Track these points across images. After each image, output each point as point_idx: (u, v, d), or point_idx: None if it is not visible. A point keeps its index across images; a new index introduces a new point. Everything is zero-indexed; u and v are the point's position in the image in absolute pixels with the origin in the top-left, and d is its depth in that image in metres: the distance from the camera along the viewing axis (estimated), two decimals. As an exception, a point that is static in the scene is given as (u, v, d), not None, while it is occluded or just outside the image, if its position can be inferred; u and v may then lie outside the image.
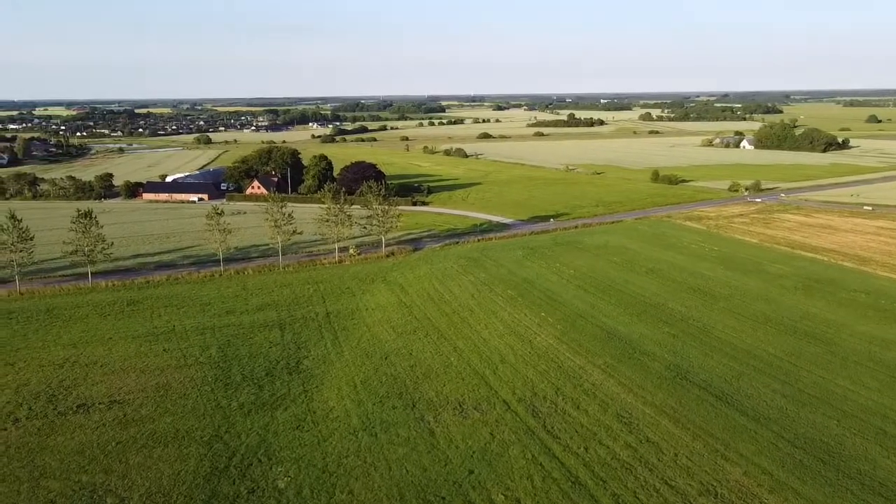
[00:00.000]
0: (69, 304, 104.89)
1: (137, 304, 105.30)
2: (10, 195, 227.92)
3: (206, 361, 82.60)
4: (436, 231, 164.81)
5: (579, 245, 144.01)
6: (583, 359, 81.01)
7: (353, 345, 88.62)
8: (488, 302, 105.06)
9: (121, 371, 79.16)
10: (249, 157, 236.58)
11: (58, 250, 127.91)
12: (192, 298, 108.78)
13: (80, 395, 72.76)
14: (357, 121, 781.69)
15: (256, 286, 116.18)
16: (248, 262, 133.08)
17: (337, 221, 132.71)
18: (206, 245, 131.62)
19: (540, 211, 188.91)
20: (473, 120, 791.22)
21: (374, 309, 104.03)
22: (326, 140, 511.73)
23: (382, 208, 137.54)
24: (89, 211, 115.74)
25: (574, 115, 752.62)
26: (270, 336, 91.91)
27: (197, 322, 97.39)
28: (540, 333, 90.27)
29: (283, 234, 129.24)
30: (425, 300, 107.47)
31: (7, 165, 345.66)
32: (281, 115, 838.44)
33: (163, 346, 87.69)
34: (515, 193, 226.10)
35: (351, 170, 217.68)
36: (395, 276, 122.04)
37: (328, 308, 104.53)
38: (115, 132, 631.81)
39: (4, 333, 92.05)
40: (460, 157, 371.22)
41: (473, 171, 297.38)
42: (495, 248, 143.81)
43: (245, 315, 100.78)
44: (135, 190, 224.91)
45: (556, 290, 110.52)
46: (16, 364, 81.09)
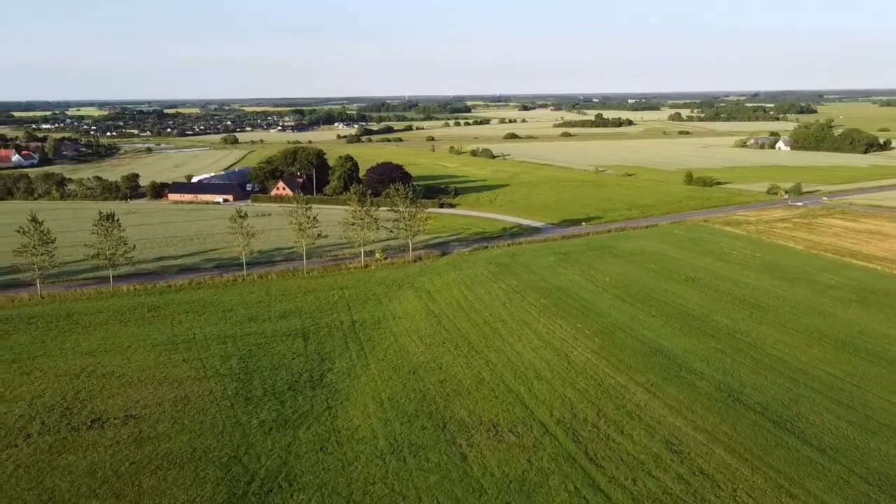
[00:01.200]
0: (90, 310, 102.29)
1: (158, 310, 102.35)
2: (39, 195, 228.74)
3: (226, 373, 78.95)
4: (464, 235, 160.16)
5: (614, 251, 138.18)
6: (624, 376, 75.69)
7: (380, 357, 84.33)
8: (521, 311, 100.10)
9: (138, 382, 75.83)
10: (275, 158, 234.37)
11: (82, 252, 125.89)
12: (215, 304, 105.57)
13: (95, 408, 69.48)
14: (382, 121, 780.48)
15: (280, 291, 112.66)
16: (272, 265, 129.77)
17: (363, 225, 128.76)
18: (230, 248, 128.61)
19: (571, 214, 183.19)
20: (499, 120, 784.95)
21: (402, 318, 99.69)
22: (352, 140, 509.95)
23: (409, 211, 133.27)
24: (111, 213, 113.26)
25: (602, 116, 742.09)
26: (293, 346, 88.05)
27: (218, 330, 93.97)
28: (576, 347, 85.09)
29: (308, 237, 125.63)
30: (454, 309, 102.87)
31: (38, 165, 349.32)
32: (307, 116, 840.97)
33: (182, 355, 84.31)
34: (545, 195, 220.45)
35: (377, 171, 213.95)
36: (422, 283, 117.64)
37: (353, 316, 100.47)
38: (144, 132, 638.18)
39: (24, 340, 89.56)
40: (487, 157, 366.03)
41: (501, 173, 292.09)
42: (526, 253, 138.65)
43: (268, 323, 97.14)
44: (160, 190, 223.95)
45: (592, 299, 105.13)
46: (32, 373, 78.27)
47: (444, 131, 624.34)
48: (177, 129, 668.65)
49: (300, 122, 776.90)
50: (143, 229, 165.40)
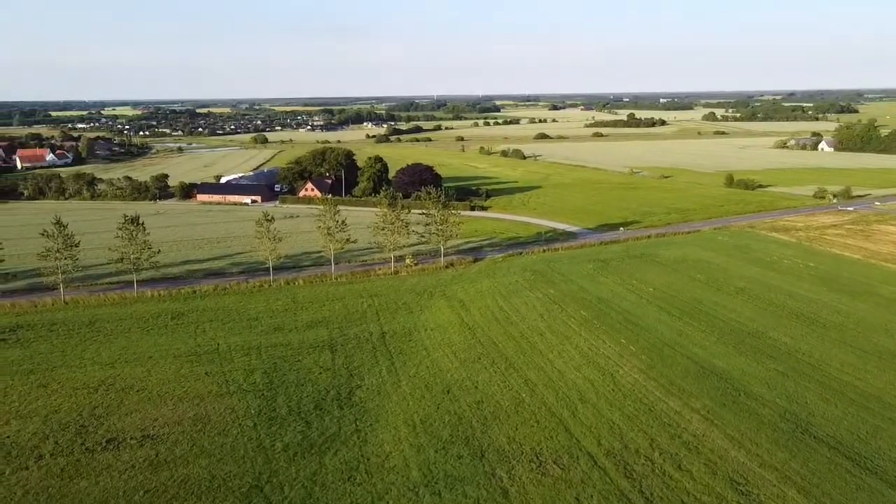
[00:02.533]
0: (112, 316, 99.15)
1: (182, 318, 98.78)
2: (70, 195, 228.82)
3: (249, 389, 74.67)
4: (496, 239, 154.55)
5: (655, 258, 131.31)
6: (678, 401, 69.51)
7: (411, 373, 79.32)
8: (560, 324, 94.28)
9: (157, 398, 71.90)
10: (303, 158, 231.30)
11: (108, 255, 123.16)
12: (240, 312, 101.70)
13: (111, 426, 65.64)
14: (411, 120, 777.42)
15: (307, 299, 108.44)
16: (299, 271, 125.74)
17: (393, 230, 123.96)
18: (257, 252, 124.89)
19: (607, 218, 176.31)
20: (529, 120, 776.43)
21: (434, 329, 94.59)
22: (381, 140, 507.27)
23: (441, 215, 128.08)
24: (136, 217, 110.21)
25: (634, 115, 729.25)
26: (320, 359, 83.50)
27: (243, 340, 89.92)
28: (622, 365, 79.05)
29: (337, 242, 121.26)
30: (489, 320, 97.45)
31: (72, 164, 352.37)
32: (336, 115, 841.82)
33: (205, 368, 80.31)
34: (579, 198, 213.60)
35: (407, 172, 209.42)
36: (454, 291, 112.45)
37: (383, 327, 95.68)
38: (175, 131, 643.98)
39: (44, 348, 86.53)
40: (518, 158, 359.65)
41: (532, 174, 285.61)
42: (562, 259, 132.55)
43: (294, 333, 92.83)
44: (189, 191, 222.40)
45: (636, 311, 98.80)
46: (49, 385, 74.92)
47: (474, 131, 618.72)
48: (208, 128, 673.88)
49: (329, 121, 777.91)
50: (171, 231, 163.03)
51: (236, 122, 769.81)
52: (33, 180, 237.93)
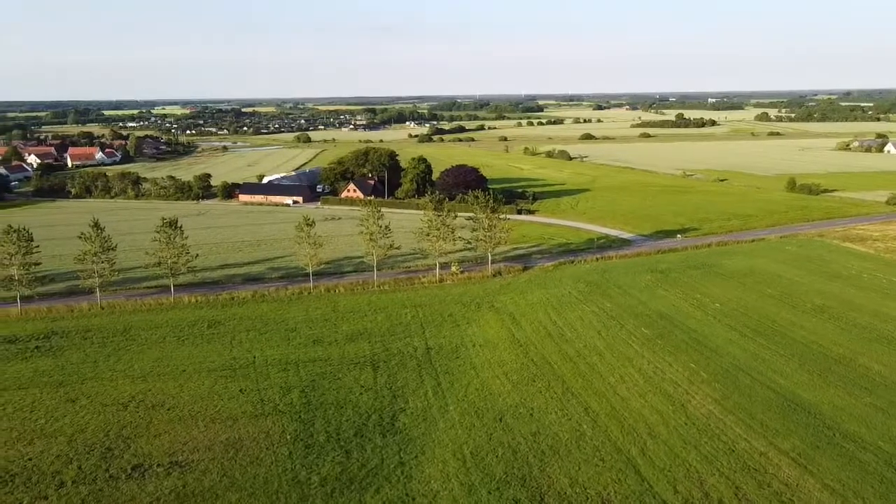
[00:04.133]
0: (148, 324, 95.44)
1: (219, 326, 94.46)
2: (115, 194, 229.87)
3: (285, 410, 69.34)
4: (545, 246, 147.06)
5: (718, 269, 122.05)
6: (762, 440, 61.40)
7: (460, 396, 72.94)
8: (619, 343, 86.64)
9: (189, 418, 67.12)
10: (346, 159, 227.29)
11: (146, 258, 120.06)
12: (278, 321, 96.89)
13: (138, 450, 60.97)
14: (454, 120, 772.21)
15: (348, 308, 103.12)
16: (340, 277, 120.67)
17: (438, 236, 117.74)
18: (296, 256, 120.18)
19: (662, 224, 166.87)
20: (573, 120, 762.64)
21: (483, 346, 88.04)
22: (423, 139, 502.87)
23: (490, 221, 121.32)
24: (174, 220, 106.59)
25: (682, 115, 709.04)
26: (362, 377, 77.78)
27: (280, 353, 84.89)
28: (694, 394, 71.16)
29: (380, 248, 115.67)
30: (542, 336, 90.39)
31: (119, 162, 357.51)
32: (378, 114, 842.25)
33: (239, 384, 75.40)
34: (630, 202, 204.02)
35: (451, 174, 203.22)
36: (503, 302, 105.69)
37: (428, 341, 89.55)
38: (221, 130, 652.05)
39: (76, 358, 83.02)
40: (564, 159, 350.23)
41: (580, 176, 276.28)
42: (618, 269, 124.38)
43: (334, 347, 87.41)
44: (231, 191, 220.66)
45: (703, 330, 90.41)
46: (78, 401, 70.96)
47: (517, 131, 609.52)
48: (252, 127, 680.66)
49: (372, 120, 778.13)
50: (211, 232, 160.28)
51: (280, 121, 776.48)
52: (80, 179, 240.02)
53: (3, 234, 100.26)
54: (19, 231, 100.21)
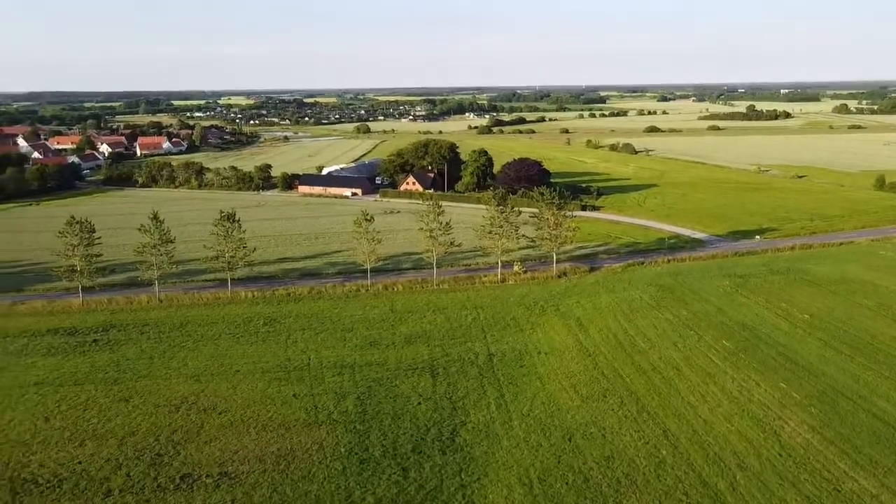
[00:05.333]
0: (204, 319, 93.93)
1: (274, 324, 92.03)
2: (179, 183, 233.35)
3: (340, 419, 65.73)
4: (612, 245, 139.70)
5: (805, 276, 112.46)
6: (872, 480, 53.98)
7: (524, 410, 67.81)
8: (698, 356, 79.60)
9: (240, 424, 64.30)
10: (405, 151, 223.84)
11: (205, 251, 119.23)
12: (334, 320, 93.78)
13: (188, 457, 58.38)
14: (514, 111, 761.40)
15: (406, 308, 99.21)
16: (399, 274, 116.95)
17: (501, 234, 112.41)
18: (354, 252, 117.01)
19: (737, 223, 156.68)
20: (637, 112, 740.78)
21: (548, 353, 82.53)
22: (483, 131, 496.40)
23: (555, 218, 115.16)
24: (232, 213, 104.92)
25: (754, 107, 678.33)
26: (420, 385, 73.55)
27: (335, 355, 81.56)
28: (787, 419, 63.89)
29: (440, 245, 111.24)
30: (612, 346, 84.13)
31: (185, 152, 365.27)
32: (438, 105, 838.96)
33: (293, 388, 72.33)
34: (702, 199, 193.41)
35: (512, 167, 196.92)
36: (569, 306, 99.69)
37: (490, 347, 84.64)
38: (283, 121, 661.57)
39: (132, 353, 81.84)
40: (628, 153, 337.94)
41: (646, 170, 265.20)
42: (692, 272, 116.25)
43: (391, 350, 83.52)
44: (291, 182, 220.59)
45: (792, 345, 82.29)
46: (131, 400, 69.25)
47: (579, 123, 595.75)
48: (313, 117, 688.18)
49: (431, 111, 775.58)
50: (270, 224, 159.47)
51: (341, 111, 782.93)
52: (147, 168, 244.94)
53: (66, 225, 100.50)
54: (82, 222, 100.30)
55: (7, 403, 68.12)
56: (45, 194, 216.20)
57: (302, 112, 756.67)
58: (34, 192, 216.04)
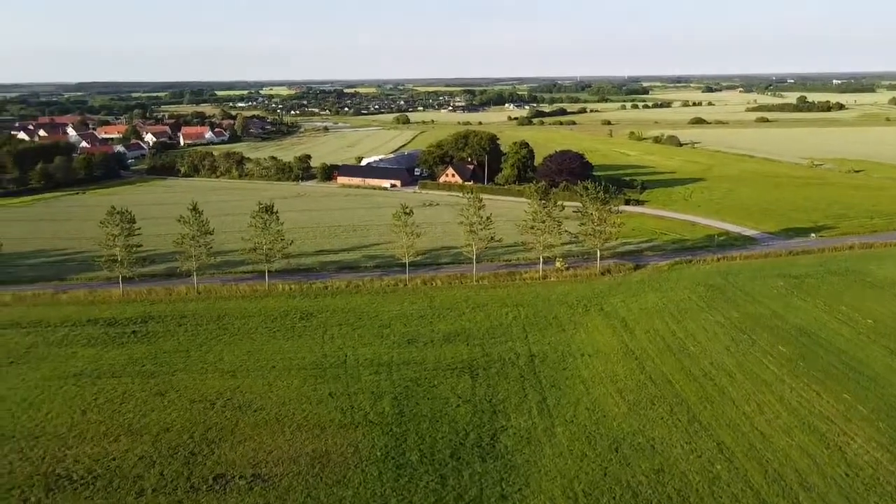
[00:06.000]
0: (241, 312, 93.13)
1: (311, 319, 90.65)
2: (221, 173, 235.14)
3: (376, 420, 63.75)
4: (658, 241, 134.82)
5: (866, 277, 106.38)
6: (951, 506, 49.60)
7: (568, 416, 64.80)
8: (753, 362, 75.35)
9: (275, 423, 62.85)
10: (445, 142, 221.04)
11: (244, 243, 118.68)
12: (371, 316, 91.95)
13: (221, 456, 57.13)
14: (554, 102, 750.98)
15: (445, 304, 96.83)
16: (437, 269, 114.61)
17: (543, 229, 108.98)
18: (393, 245, 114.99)
19: (791, 221, 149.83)
20: (682, 103, 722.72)
21: (592, 355, 79.18)
22: (523, 122, 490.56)
23: (600, 214, 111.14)
24: (270, 205, 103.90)
25: (805, 98, 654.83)
26: (458, 386, 71.11)
27: (372, 352, 79.67)
28: (853, 435, 59.54)
29: (480, 240, 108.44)
30: (660, 349, 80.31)
31: (227, 142, 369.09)
32: (477, 96, 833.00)
33: (329, 386, 70.64)
34: (751, 194, 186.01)
35: (554, 160, 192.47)
36: (613, 305, 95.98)
37: (531, 347, 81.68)
38: (323, 111, 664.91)
39: (169, 346, 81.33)
40: (673, 145, 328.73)
41: (692, 164, 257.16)
42: (743, 272, 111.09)
43: (429, 348, 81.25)
44: (330, 172, 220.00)
45: (855, 353, 77.35)
46: (167, 394, 68.49)
47: (621, 114, 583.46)
48: (353, 108, 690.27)
49: (471, 102, 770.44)
50: (308, 216, 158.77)
51: (380, 102, 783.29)
52: (189, 158, 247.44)
53: (107, 215, 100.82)
54: (122, 213, 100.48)
55: (46, 395, 68.07)
56: (92, 183, 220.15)
57: (342, 102, 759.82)
58: (81, 180, 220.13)
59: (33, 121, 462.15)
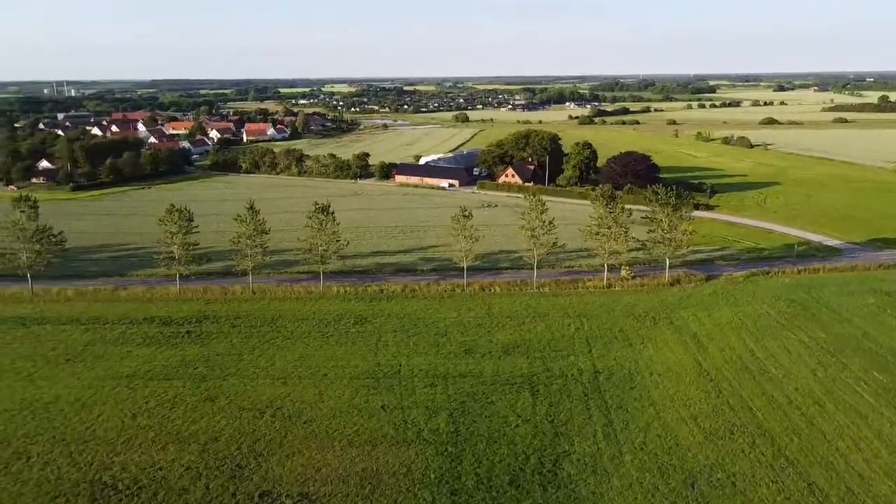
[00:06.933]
0: (295, 314, 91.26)
1: (365, 324, 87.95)
2: (281, 170, 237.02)
3: (430, 438, 60.18)
4: (731, 249, 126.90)
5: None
6: None
7: (637, 442, 59.70)
8: (844, 390, 68.27)
9: (325, 437, 60.06)
10: (505, 142, 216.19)
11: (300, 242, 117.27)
12: (427, 322, 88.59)
13: (269, 471, 54.65)
14: (616, 101, 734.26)
15: (503, 312, 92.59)
16: (496, 274, 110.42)
17: (609, 235, 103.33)
18: (450, 248, 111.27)
19: (879, 230, 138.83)
20: (752, 102, 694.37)
21: (662, 374, 73.61)
22: (584, 122, 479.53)
23: (670, 220, 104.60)
24: (326, 206, 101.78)
25: (887, 98, 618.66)
26: (518, 403, 66.87)
27: (427, 363, 76.21)
28: (968, 482, 52.37)
29: (542, 246, 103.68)
30: (738, 370, 73.99)
31: (288, 138, 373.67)
32: (537, 94, 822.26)
33: (382, 398, 67.54)
34: (832, 200, 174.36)
35: (618, 161, 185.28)
36: (684, 319, 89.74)
37: (595, 362, 76.66)
38: (383, 108, 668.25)
39: (222, 348, 79.96)
40: (743, 147, 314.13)
41: (764, 167, 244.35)
42: (828, 286, 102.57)
43: (487, 360, 77.24)
44: (388, 171, 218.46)
45: (964, 383, 69.14)
46: (217, 400, 66.74)
47: (687, 114, 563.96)
48: (412, 105, 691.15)
49: (530, 100, 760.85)
50: (365, 215, 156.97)
51: (440, 100, 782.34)
52: (250, 154, 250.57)
53: (166, 213, 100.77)
54: (181, 211, 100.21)
55: (98, 396, 67.35)
56: (157, 178, 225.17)
57: (401, 100, 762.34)
58: (147, 175, 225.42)
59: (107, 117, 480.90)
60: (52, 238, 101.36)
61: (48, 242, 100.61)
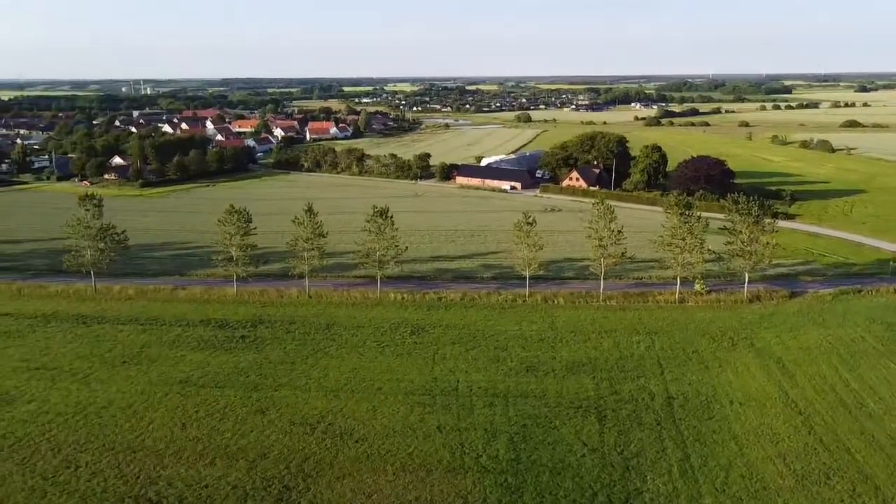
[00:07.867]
0: (350, 321, 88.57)
1: (422, 334, 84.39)
2: (342, 169, 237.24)
3: (489, 465, 55.92)
4: (816, 263, 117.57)
5: None
6: None
7: (718, 482, 53.87)
8: (958, 432, 60.29)
9: (377, 458, 56.62)
10: (569, 144, 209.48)
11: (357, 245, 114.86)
12: (487, 334, 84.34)
13: (317, 495, 51.60)
14: (684, 101, 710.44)
15: (568, 326, 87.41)
16: (560, 284, 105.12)
17: (683, 247, 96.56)
18: (513, 259, 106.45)
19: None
20: (832, 104, 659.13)
21: (743, 404, 67.13)
22: (651, 123, 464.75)
23: (751, 232, 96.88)
24: (385, 209, 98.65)
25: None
26: (584, 430, 61.83)
27: (487, 379, 71.99)
28: None
29: (610, 257, 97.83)
30: (831, 404, 66.72)
31: (350, 137, 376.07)
32: (602, 94, 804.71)
33: (438, 417, 63.68)
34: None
35: (690, 166, 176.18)
36: (766, 340, 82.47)
37: (668, 386, 70.74)
38: (445, 107, 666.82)
39: (275, 356, 77.82)
40: (824, 151, 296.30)
41: (848, 172, 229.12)
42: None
43: (550, 378, 72.40)
44: (449, 172, 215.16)
45: None
46: (268, 412, 64.32)
47: (760, 115, 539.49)
48: (474, 105, 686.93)
49: (595, 101, 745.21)
50: (425, 217, 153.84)
51: (502, 99, 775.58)
52: (312, 153, 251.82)
53: (225, 213, 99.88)
54: (239, 212, 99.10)
55: (150, 402, 66.00)
56: (222, 175, 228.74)
57: (463, 99, 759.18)
58: (212, 173, 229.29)
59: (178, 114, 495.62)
60: (115, 237, 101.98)
61: (111, 241, 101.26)
